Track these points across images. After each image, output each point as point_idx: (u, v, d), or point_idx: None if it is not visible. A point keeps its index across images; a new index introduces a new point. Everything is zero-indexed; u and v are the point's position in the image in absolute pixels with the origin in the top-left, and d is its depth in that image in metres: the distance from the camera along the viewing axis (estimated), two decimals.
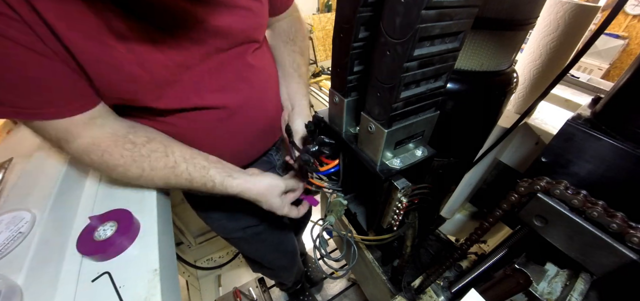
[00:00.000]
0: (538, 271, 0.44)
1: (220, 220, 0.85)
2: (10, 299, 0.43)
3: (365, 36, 0.43)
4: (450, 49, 0.37)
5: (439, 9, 0.30)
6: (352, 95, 0.50)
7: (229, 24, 0.55)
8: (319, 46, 3.10)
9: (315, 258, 0.51)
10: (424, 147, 0.49)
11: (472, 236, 0.52)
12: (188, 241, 1.71)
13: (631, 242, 0.32)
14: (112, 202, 0.62)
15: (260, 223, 0.89)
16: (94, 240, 0.52)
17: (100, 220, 0.55)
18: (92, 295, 0.48)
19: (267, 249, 1.00)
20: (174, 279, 0.61)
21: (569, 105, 1.00)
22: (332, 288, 1.67)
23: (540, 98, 0.59)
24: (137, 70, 0.47)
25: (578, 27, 0.70)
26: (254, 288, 1.67)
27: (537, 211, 0.40)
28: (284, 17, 0.78)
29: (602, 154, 0.39)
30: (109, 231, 0.53)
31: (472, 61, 0.53)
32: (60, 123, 0.46)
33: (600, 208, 0.35)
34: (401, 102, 0.38)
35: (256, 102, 0.67)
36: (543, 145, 0.79)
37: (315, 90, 2.52)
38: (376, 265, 0.77)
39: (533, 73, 0.79)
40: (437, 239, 0.86)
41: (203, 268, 1.76)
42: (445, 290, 0.69)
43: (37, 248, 0.51)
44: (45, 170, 0.67)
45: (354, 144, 0.51)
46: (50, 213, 0.57)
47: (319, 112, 0.60)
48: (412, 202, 0.48)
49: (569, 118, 0.43)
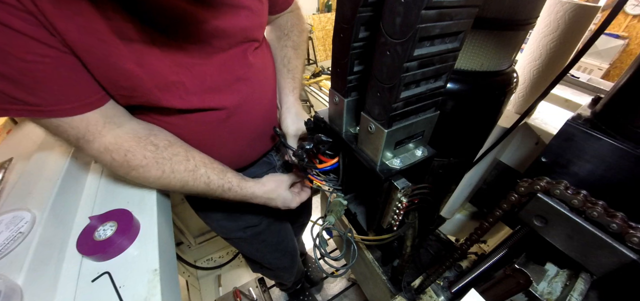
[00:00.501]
0: (538, 271, 0.44)
1: (220, 221, 0.85)
2: (10, 299, 0.43)
3: (365, 36, 0.42)
4: (450, 49, 0.37)
5: (439, 9, 0.30)
6: (352, 95, 0.50)
7: (230, 24, 0.55)
8: (319, 46, 3.10)
9: (315, 258, 0.51)
10: (424, 147, 0.49)
11: (472, 236, 0.52)
12: (188, 241, 1.71)
13: (631, 242, 0.32)
14: (112, 202, 0.62)
15: (260, 224, 0.89)
16: (94, 240, 0.52)
17: (100, 220, 0.55)
18: (92, 295, 0.48)
19: (268, 249, 1.00)
20: (174, 279, 0.61)
21: (569, 105, 1.00)
22: (332, 288, 1.67)
23: (540, 98, 0.59)
24: (135, 68, 0.47)
25: (578, 27, 0.70)
26: (254, 288, 1.67)
27: (537, 211, 0.40)
28: (284, 14, 0.77)
29: (602, 154, 0.39)
30: (109, 231, 0.53)
31: (472, 61, 0.53)
32: (80, 122, 0.46)
33: (600, 208, 0.35)
34: (401, 102, 0.38)
35: (256, 103, 0.67)
36: (543, 145, 0.79)
37: (315, 90, 2.52)
38: (376, 265, 0.77)
39: (533, 73, 0.79)
40: (437, 239, 0.86)
41: (203, 268, 1.76)
42: (445, 290, 0.69)
43: (37, 248, 0.51)
44: (45, 170, 0.67)
45: (354, 144, 0.51)
46: (50, 213, 0.57)
47: (319, 112, 0.60)
48: (412, 202, 0.48)
49: (569, 118, 0.43)
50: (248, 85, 0.64)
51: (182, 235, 1.64)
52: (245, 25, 0.59)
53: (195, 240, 1.76)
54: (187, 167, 0.57)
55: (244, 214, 0.85)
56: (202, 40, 0.53)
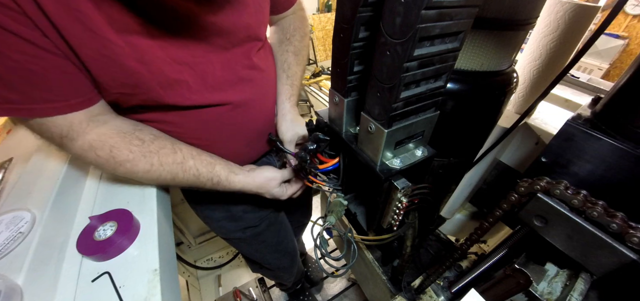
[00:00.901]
0: (538, 271, 0.44)
1: (220, 221, 0.85)
2: (10, 298, 0.43)
3: (365, 36, 0.43)
4: (450, 49, 0.37)
5: (439, 9, 0.30)
6: (352, 95, 0.50)
7: (232, 22, 0.55)
8: (319, 46, 3.09)
9: (315, 258, 0.51)
10: (424, 147, 0.49)
11: (472, 236, 0.52)
12: (188, 241, 1.71)
13: (631, 242, 0.32)
14: (112, 201, 0.62)
15: (259, 224, 0.89)
16: (94, 240, 0.52)
17: (100, 220, 0.55)
18: (92, 295, 0.48)
19: (267, 250, 1.00)
20: (174, 279, 0.61)
21: (569, 105, 1.00)
22: (332, 288, 1.67)
23: (540, 98, 0.59)
24: (136, 65, 0.47)
25: (578, 27, 0.70)
26: (254, 288, 1.67)
27: (537, 211, 0.40)
28: (287, 14, 0.77)
29: (602, 154, 0.39)
30: (109, 231, 0.53)
31: (472, 61, 0.53)
32: (63, 121, 0.46)
33: (600, 208, 0.35)
34: (401, 102, 0.38)
35: (257, 103, 0.67)
36: (543, 145, 0.79)
37: (315, 90, 2.51)
38: (376, 265, 0.77)
39: (533, 73, 0.79)
40: (437, 239, 0.86)
41: (203, 268, 1.76)
42: (445, 290, 0.69)
43: (37, 248, 0.51)
44: (45, 170, 0.67)
45: (354, 144, 0.51)
46: (51, 212, 0.57)
47: (319, 112, 0.60)
48: (412, 202, 0.48)
49: (569, 119, 0.43)
50: (251, 87, 0.64)
51: (182, 235, 1.64)
52: (246, 22, 0.58)
53: (195, 240, 1.76)
54: (175, 159, 0.57)
55: (243, 214, 0.85)
56: (204, 38, 0.53)
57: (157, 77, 0.50)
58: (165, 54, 0.49)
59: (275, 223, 0.95)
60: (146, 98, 0.52)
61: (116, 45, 0.44)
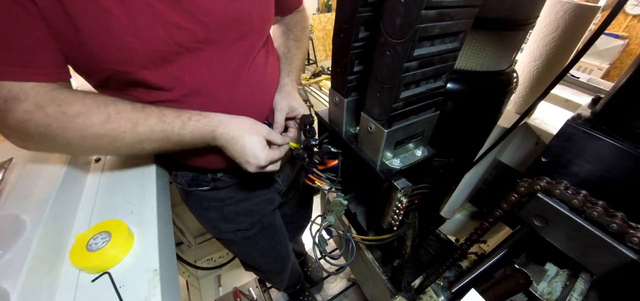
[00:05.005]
0: (538, 271, 0.44)
1: (214, 222, 0.85)
2: (9, 298, 0.43)
3: (365, 36, 0.43)
4: (450, 49, 0.37)
5: (439, 9, 0.30)
6: (352, 95, 0.50)
7: (238, 11, 0.55)
8: (319, 46, 3.09)
9: (315, 258, 0.51)
10: (424, 147, 0.49)
11: (472, 236, 0.52)
12: (188, 241, 1.71)
13: (631, 242, 0.32)
14: (112, 201, 0.62)
15: (251, 228, 0.89)
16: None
17: None
18: (92, 295, 0.48)
19: (257, 253, 1.00)
20: (174, 279, 0.61)
21: (569, 105, 1.00)
22: (332, 288, 1.67)
23: (540, 98, 0.59)
24: (132, 39, 0.46)
25: (578, 27, 0.70)
26: (254, 288, 1.67)
27: (537, 211, 0.40)
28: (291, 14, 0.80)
29: (602, 154, 0.39)
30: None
31: (472, 61, 0.53)
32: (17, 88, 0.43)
33: (600, 208, 0.35)
34: (401, 102, 0.38)
35: (257, 101, 0.67)
36: (543, 145, 0.79)
37: (315, 90, 2.51)
38: (376, 265, 0.77)
39: (533, 73, 0.79)
40: (437, 239, 0.86)
41: (203, 268, 1.76)
42: (445, 290, 0.69)
43: (37, 249, 0.51)
44: (45, 171, 0.67)
45: (354, 144, 0.51)
46: (51, 212, 0.57)
47: (319, 112, 0.60)
48: (412, 202, 0.48)
49: (569, 119, 0.43)
50: (250, 85, 0.64)
51: (182, 235, 1.64)
52: (252, 14, 0.58)
53: (195, 240, 1.76)
54: (134, 107, 0.51)
55: (237, 216, 0.85)
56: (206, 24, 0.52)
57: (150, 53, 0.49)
58: (164, 32, 0.48)
59: (268, 228, 0.95)
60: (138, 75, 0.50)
61: (113, 15, 0.43)
